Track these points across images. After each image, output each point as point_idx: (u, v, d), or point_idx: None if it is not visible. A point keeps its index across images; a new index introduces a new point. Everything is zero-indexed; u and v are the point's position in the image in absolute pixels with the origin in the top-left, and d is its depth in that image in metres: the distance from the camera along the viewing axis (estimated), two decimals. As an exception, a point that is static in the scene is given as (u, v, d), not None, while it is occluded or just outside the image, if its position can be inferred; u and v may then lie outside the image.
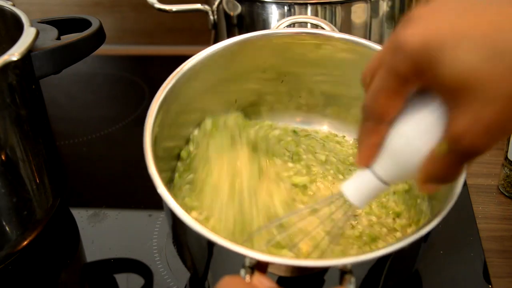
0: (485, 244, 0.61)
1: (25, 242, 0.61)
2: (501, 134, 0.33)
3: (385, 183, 0.41)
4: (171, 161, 0.59)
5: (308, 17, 0.70)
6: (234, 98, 0.63)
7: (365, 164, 0.40)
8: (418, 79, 0.34)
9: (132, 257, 0.63)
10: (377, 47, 0.57)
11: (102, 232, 0.66)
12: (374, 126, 0.38)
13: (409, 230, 0.55)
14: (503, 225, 0.64)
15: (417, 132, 0.37)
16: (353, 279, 0.40)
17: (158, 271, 0.60)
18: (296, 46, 0.60)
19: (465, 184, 0.70)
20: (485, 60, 0.31)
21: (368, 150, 0.39)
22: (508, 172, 0.66)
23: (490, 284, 0.57)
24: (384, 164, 0.40)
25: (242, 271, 0.40)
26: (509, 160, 0.66)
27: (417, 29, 0.33)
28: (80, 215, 0.69)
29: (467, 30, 0.31)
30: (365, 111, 0.38)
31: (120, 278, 0.61)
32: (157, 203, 0.72)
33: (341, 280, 0.41)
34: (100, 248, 0.64)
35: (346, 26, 0.75)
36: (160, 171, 0.47)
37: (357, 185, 0.42)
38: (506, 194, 0.68)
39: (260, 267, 0.41)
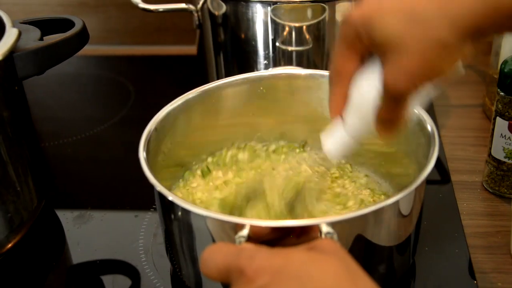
0: (470, 240, 0.62)
1: (10, 245, 0.61)
2: (419, 79, 0.42)
3: (353, 138, 0.48)
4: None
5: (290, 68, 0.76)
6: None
7: (337, 113, 0.48)
8: (361, 42, 0.44)
9: (118, 258, 0.62)
10: None
11: (88, 234, 0.66)
12: (337, 81, 0.47)
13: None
14: (487, 221, 0.65)
15: (368, 87, 0.45)
16: (335, 236, 0.42)
17: (145, 271, 0.60)
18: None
19: (449, 181, 0.70)
20: (404, 25, 0.41)
21: (335, 100, 0.48)
22: (492, 169, 0.67)
23: (475, 280, 0.57)
24: (351, 119, 0.47)
25: None
26: (493, 157, 0.66)
27: (358, 9, 0.44)
28: (66, 217, 0.68)
29: (392, 6, 0.42)
30: (330, 71, 0.48)
31: (107, 279, 0.61)
32: (143, 203, 0.71)
33: None
34: (86, 249, 0.64)
35: (331, 26, 0.75)
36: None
37: (333, 138, 0.49)
38: (490, 190, 0.68)
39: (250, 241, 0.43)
